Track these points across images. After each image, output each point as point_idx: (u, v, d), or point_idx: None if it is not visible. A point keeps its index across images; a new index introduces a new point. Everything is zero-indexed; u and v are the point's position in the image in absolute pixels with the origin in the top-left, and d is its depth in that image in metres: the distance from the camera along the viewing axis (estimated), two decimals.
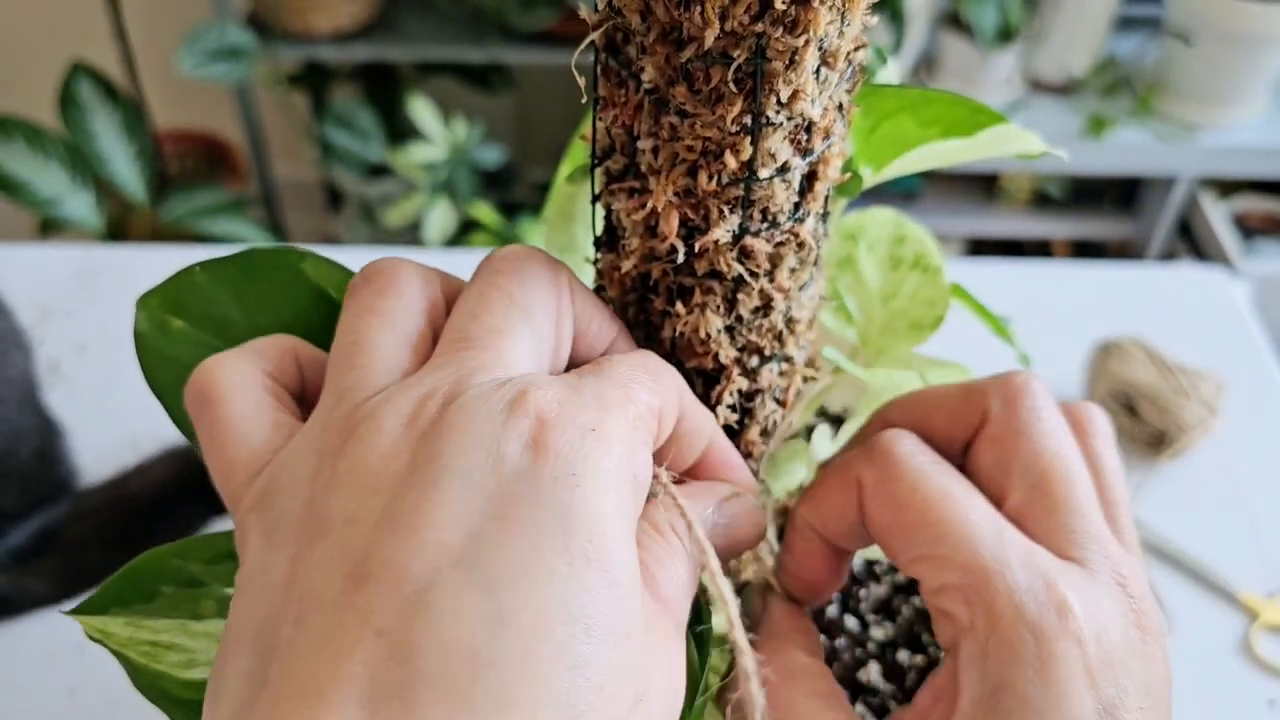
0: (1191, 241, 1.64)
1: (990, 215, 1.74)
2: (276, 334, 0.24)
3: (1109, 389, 0.67)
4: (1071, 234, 1.75)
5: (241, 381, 0.22)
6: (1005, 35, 1.45)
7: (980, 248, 1.81)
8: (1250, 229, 1.60)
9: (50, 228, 1.22)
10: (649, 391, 0.22)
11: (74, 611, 0.28)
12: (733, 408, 0.31)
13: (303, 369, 0.24)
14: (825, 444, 0.36)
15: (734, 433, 0.32)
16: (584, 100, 0.26)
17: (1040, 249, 1.83)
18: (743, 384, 0.30)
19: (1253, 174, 1.54)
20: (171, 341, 0.29)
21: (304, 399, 0.24)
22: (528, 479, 0.19)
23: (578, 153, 0.38)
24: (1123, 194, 1.74)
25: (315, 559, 0.19)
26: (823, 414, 0.56)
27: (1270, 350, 0.76)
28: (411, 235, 1.45)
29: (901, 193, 1.72)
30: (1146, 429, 0.66)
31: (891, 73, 0.37)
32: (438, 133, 1.38)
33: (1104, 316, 0.76)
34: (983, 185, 1.76)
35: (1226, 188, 1.64)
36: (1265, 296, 1.47)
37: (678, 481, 0.25)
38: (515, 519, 0.19)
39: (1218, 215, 1.59)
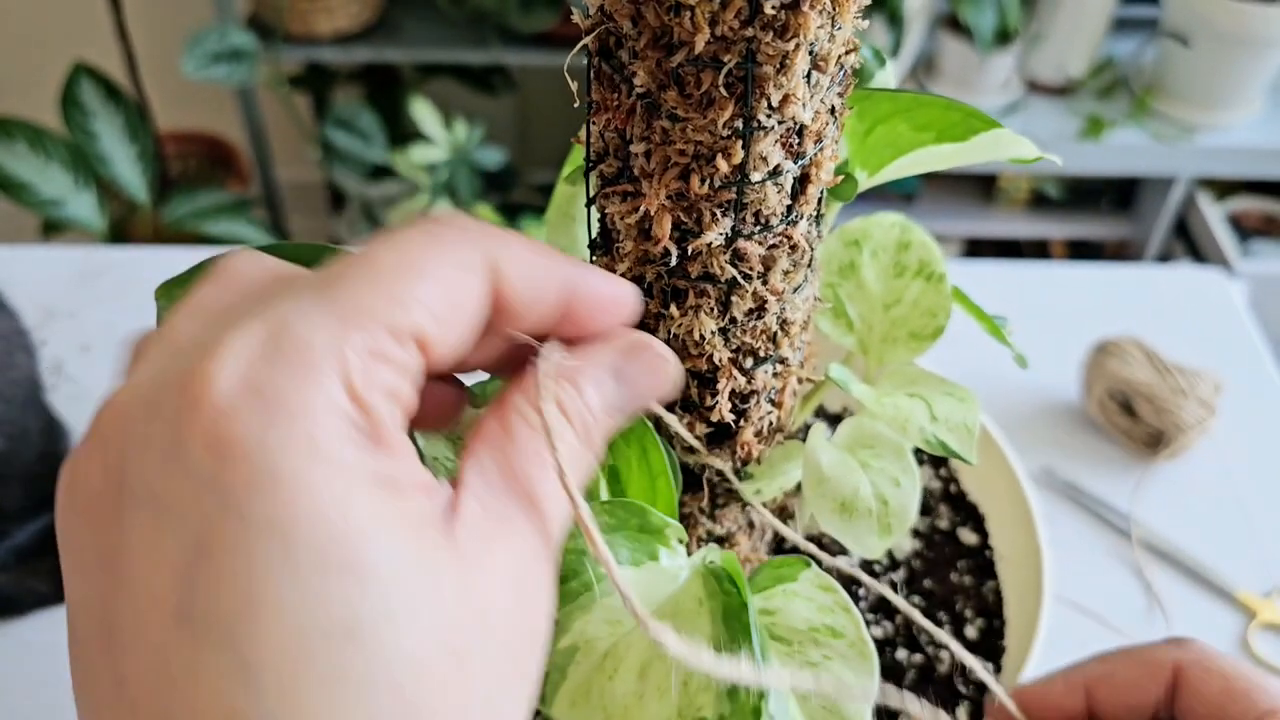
0: (1188, 242, 1.65)
1: (988, 216, 1.74)
2: None
3: (1107, 388, 0.67)
4: (1069, 235, 1.75)
5: None
6: (1003, 37, 1.45)
7: (978, 248, 1.81)
8: (1246, 229, 1.60)
9: (53, 229, 1.23)
10: (396, 308, 0.18)
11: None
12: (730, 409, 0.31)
13: None
14: (822, 443, 0.36)
15: (730, 434, 0.33)
16: (577, 104, 0.26)
17: (1038, 249, 1.83)
18: (738, 385, 0.30)
19: (1249, 175, 1.54)
20: None
21: None
22: (222, 492, 0.16)
23: (577, 154, 0.38)
24: (1120, 195, 1.74)
25: (73, 622, 0.17)
26: (820, 413, 0.56)
27: (1268, 350, 0.76)
28: None
29: (900, 194, 1.72)
30: (1144, 428, 0.66)
31: (889, 75, 0.37)
32: (439, 134, 1.38)
33: (1102, 317, 0.76)
34: (981, 186, 1.76)
35: (1223, 188, 1.65)
36: (1261, 296, 1.47)
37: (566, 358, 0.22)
38: (222, 548, 0.16)
39: (1214, 216, 1.60)
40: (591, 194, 0.28)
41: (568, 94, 0.24)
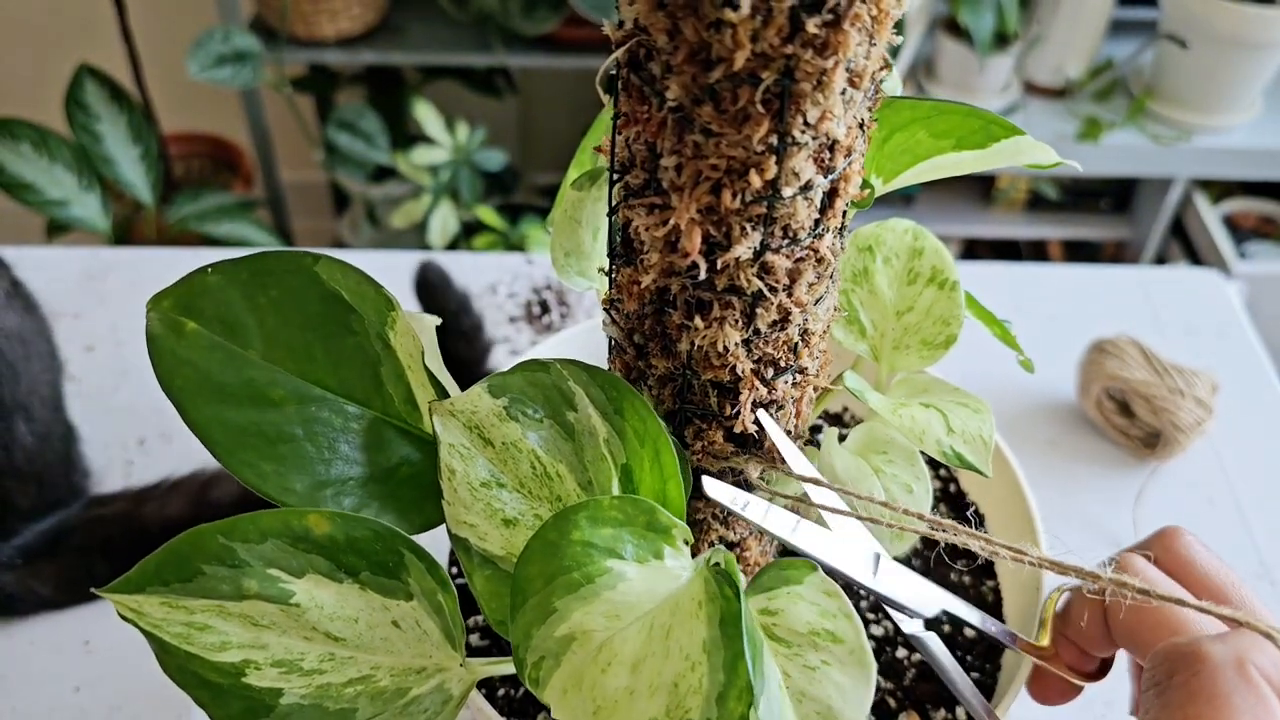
0: (1185, 243, 1.66)
1: (986, 217, 1.75)
2: None
3: (1104, 387, 0.67)
4: (1067, 236, 1.76)
5: None
6: (1002, 39, 1.46)
7: (976, 249, 1.82)
8: (1243, 231, 1.61)
9: (58, 230, 1.23)
10: None
11: (108, 590, 0.28)
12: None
13: None
14: (836, 448, 0.36)
15: (753, 442, 0.33)
16: (601, 112, 0.26)
17: (1036, 250, 1.84)
18: (759, 395, 0.31)
19: (1246, 176, 1.55)
20: (186, 344, 0.29)
21: None
22: None
23: (584, 159, 0.38)
24: (1118, 196, 1.75)
25: None
26: (823, 415, 0.56)
27: (1264, 350, 0.76)
28: (416, 237, 1.45)
29: (900, 195, 1.73)
30: (1141, 428, 0.66)
31: (896, 81, 0.37)
32: (441, 136, 1.39)
33: (1099, 318, 0.77)
34: (979, 187, 1.77)
35: (1220, 190, 1.66)
36: (1257, 297, 1.48)
37: None
38: None
39: (1211, 217, 1.61)
40: (613, 203, 0.28)
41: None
